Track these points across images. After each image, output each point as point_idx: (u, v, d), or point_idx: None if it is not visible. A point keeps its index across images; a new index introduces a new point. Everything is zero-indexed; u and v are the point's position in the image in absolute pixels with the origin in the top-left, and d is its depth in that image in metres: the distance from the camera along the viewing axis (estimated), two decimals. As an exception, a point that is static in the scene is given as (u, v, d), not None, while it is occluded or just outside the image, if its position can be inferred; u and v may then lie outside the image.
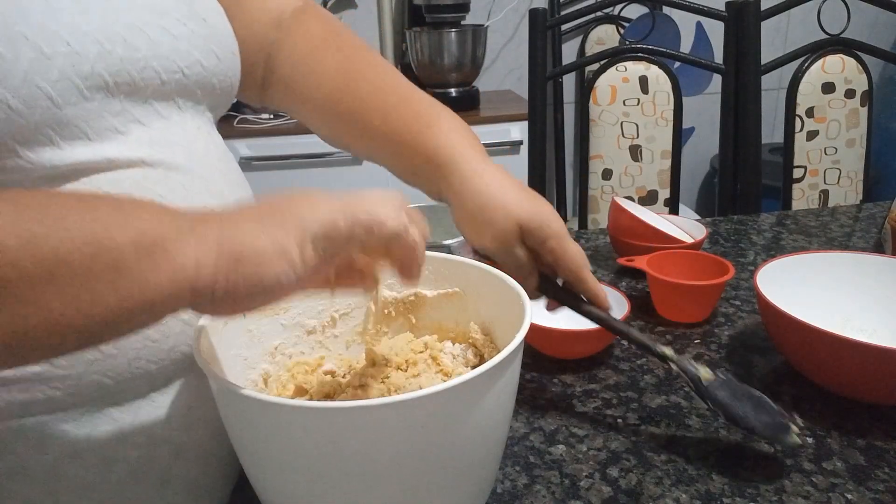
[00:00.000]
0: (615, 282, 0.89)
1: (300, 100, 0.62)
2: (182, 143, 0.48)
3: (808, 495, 0.51)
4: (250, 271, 0.35)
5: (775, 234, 1.07)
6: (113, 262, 0.32)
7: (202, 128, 0.51)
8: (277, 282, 0.36)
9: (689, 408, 0.62)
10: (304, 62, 0.61)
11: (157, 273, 0.33)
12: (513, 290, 0.49)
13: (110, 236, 0.32)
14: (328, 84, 0.60)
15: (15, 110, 0.37)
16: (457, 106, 1.96)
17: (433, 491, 0.41)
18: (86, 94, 0.40)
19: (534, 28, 1.43)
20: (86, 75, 0.40)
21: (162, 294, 0.33)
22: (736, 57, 1.40)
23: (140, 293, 0.32)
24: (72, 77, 0.39)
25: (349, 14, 2.17)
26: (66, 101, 0.39)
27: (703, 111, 2.37)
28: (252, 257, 0.35)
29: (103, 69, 0.41)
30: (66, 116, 0.39)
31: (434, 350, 0.54)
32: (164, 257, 0.33)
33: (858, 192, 1.55)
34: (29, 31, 0.37)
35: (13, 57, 0.36)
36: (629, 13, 2.01)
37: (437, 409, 0.38)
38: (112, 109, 0.43)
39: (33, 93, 0.37)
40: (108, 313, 0.32)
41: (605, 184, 1.49)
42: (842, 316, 0.70)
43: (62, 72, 0.39)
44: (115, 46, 0.42)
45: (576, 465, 0.55)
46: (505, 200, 0.54)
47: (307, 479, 0.39)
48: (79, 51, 0.39)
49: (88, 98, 0.41)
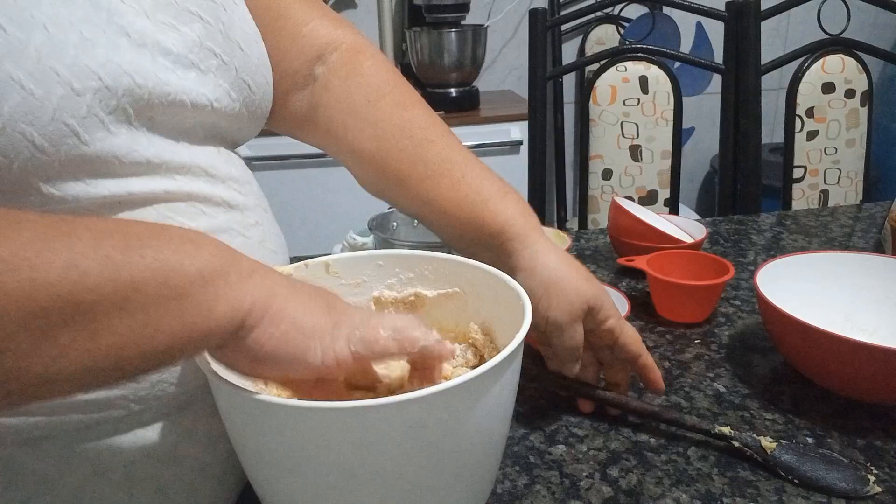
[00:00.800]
0: (615, 282, 0.89)
1: (346, 148, 0.59)
2: (211, 174, 0.48)
3: (807, 496, 0.51)
4: (288, 334, 0.36)
5: (775, 234, 1.07)
6: (181, 291, 0.33)
7: (231, 157, 0.51)
8: (304, 357, 0.37)
9: (689, 408, 0.62)
10: (358, 112, 0.58)
11: (218, 304, 0.34)
12: (513, 291, 0.49)
13: (181, 265, 0.33)
14: (387, 141, 0.58)
15: (39, 148, 0.36)
16: (457, 106, 1.97)
17: (433, 491, 0.41)
18: (111, 129, 0.39)
19: (534, 28, 1.43)
20: (112, 109, 0.39)
21: (220, 326, 0.34)
22: (736, 57, 1.40)
23: (203, 322, 0.34)
24: (98, 113, 0.38)
25: (349, 14, 2.17)
26: (92, 137, 0.38)
27: (703, 111, 2.37)
28: (294, 323, 0.37)
29: (129, 104, 0.40)
30: (93, 152, 0.39)
31: None
32: (225, 290, 0.34)
33: (858, 192, 1.55)
34: (62, 68, 0.36)
35: (44, 94, 0.35)
36: (629, 13, 2.01)
37: (438, 409, 0.38)
38: (140, 144, 0.42)
39: (60, 129, 0.36)
40: (171, 341, 0.33)
41: (605, 184, 1.49)
42: (842, 316, 0.70)
43: (90, 108, 0.38)
44: (147, 81, 0.41)
45: (576, 465, 0.55)
46: (577, 279, 0.55)
47: (307, 480, 0.39)
48: (109, 85, 0.39)
49: (114, 133, 0.40)
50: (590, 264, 0.95)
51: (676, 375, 0.68)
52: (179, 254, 0.33)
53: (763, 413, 0.61)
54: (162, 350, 0.33)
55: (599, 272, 0.93)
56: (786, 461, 0.53)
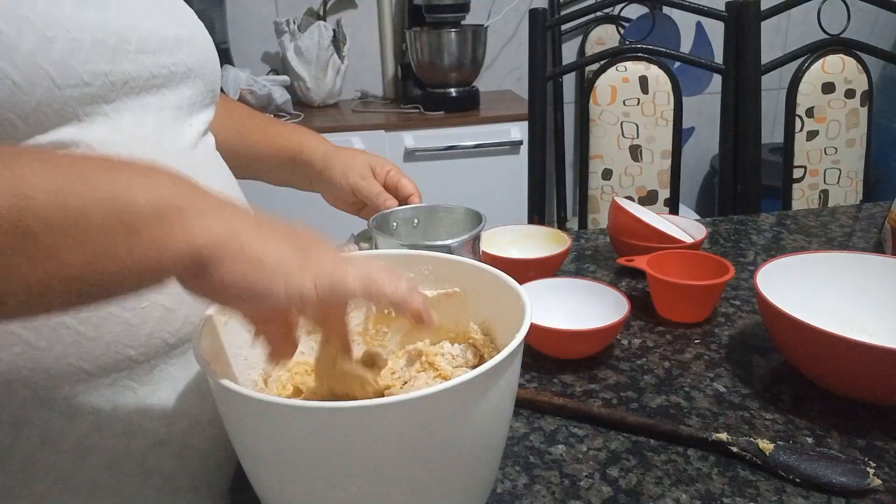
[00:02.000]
0: (615, 282, 0.89)
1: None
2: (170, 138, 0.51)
3: (807, 496, 0.51)
4: (249, 271, 0.35)
5: (775, 234, 1.07)
6: (131, 223, 0.33)
7: (193, 125, 0.55)
8: (266, 296, 0.36)
9: (689, 408, 0.62)
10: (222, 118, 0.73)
11: (171, 240, 0.34)
12: (513, 290, 0.49)
13: (132, 197, 0.33)
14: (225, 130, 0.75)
15: (18, 85, 0.39)
16: (457, 106, 1.97)
17: (433, 491, 0.41)
18: (85, 78, 0.43)
19: (534, 28, 1.43)
20: (83, 60, 0.43)
21: (172, 258, 0.34)
22: (736, 57, 1.40)
23: (154, 257, 0.34)
24: (70, 61, 0.42)
25: (349, 14, 2.17)
26: (65, 82, 0.42)
27: (703, 111, 2.37)
28: (257, 261, 0.36)
29: (98, 56, 0.44)
30: (64, 97, 0.42)
31: (429, 356, 0.54)
32: (180, 225, 0.34)
33: (858, 192, 1.55)
34: (33, 16, 0.40)
35: (17, 35, 0.39)
36: (629, 13, 2.01)
37: (438, 409, 0.38)
38: (108, 97, 0.45)
39: (36, 71, 0.40)
40: (124, 271, 0.33)
41: (605, 184, 1.49)
42: (842, 316, 0.70)
43: (62, 55, 0.41)
44: (109, 38, 0.45)
45: (576, 465, 0.55)
46: (358, 155, 0.80)
47: (307, 479, 0.39)
48: (77, 37, 0.42)
49: (88, 83, 0.43)
50: (590, 264, 0.95)
51: (676, 375, 0.68)
52: (132, 186, 0.34)
53: (763, 413, 0.61)
54: (115, 280, 0.34)
55: (599, 272, 0.93)
56: (784, 461, 0.53)
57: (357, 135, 1.86)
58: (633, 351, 0.72)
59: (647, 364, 0.70)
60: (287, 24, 2.01)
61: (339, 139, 1.86)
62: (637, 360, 0.71)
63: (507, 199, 1.91)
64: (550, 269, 0.86)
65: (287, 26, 2.01)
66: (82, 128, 0.44)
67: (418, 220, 0.77)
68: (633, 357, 0.71)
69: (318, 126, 1.90)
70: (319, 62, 2.00)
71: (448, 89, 1.98)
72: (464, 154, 1.89)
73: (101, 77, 0.44)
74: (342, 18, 2.14)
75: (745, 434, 0.58)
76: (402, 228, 0.76)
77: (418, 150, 1.86)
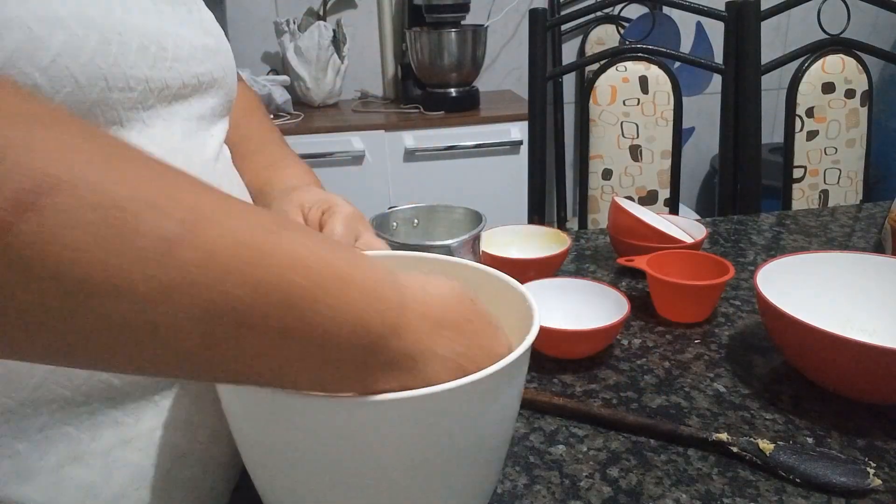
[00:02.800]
0: (615, 282, 0.89)
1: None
2: (196, 148, 0.50)
3: (807, 496, 0.51)
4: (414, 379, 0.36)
5: (775, 234, 1.07)
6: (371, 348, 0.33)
7: (214, 135, 0.54)
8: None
9: (689, 408, 0.62)
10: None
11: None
12: (515, 291, 0.49)
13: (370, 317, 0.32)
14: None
15: (80, 85, 0.38)
16: (457, 106, 1.97)
17: (440, 489, 0.41)
18: (130, 82, 0.42)
19: (534, 28, 1.43)
20: (130, 65, 0.42)
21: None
22: (736, 57, 1.40)
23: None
24: (120, 64, 0.41)
25: (349, 14, 2.17)
26: (115, 84, 0.41)
27: (703, 111, 2.37)
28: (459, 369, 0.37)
29: (142, 62, 0.43)
30: (113, 100, 0.41)
31: None
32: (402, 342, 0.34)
33: (858, 192, 1.55)
34: (97, 16, 0.39)
35: (83, 35, 0.38)
36: (629, 13, 2.01)
37: (448, 407, 0.37)
38: (146, 103, 0.45)
39: (95, 72, 0.39)
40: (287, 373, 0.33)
41: (605, 184, 1.49)
42: (842, 316, 0.70)
43: (115, 57, 0.41)
44: (150, 44, 0.44)
45: (576, 465, 0.55)
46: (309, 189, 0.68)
47: (311, 476, 0.39)
48: (126, 41, 0.42)
49: (132, 88, 0.43)
50: (590, 264, 0.95)
51: (676, 375, 0.68)
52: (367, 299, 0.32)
53: (763, 413, 0.61)
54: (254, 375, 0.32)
55: (599, 272, 0.93)
56: (784, 462, 0.53)
57: (357, 135, 1.86)
58: (633, 351, 0.72)
59: (647, 364, 0.70)
60: (287, 24, 2.01)
61: (339, 139, 1.86)
62: (637, 360, 0.71)
63: (507, 199, 1.91)
64: (550, 269, 0.86)
65: (287, 26, 2.01)
66: (122, 134, 0.43)
67: (418, 220, 0.77)
68: (633, 357, 0.71)
69: (318, 126, 1.90)
70: (319, 62, 2.01)
71: (448, 89, 1.98)
72: (464, 154, 1.89)
73: (142, 83, 0.44)
74: (342, 18, 2.15)
75: (745, 434, 0.58)
76: (402, 228, 0.76)
77: (418, 150, 1.87)
